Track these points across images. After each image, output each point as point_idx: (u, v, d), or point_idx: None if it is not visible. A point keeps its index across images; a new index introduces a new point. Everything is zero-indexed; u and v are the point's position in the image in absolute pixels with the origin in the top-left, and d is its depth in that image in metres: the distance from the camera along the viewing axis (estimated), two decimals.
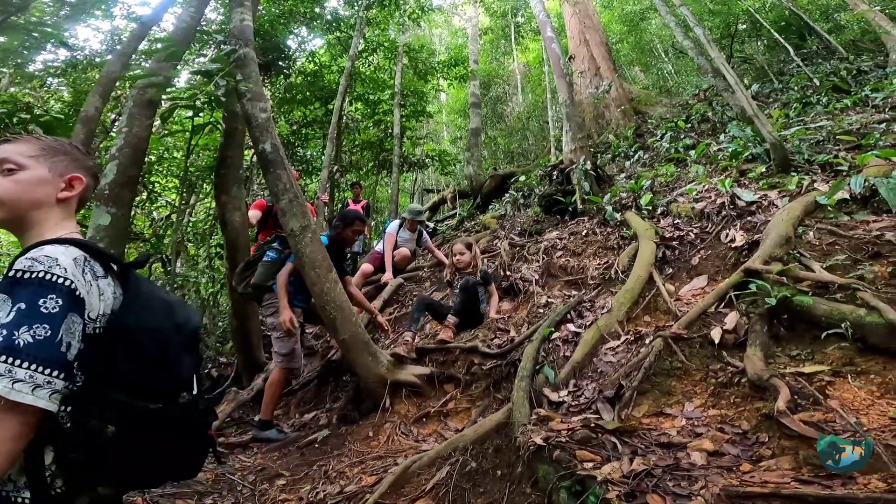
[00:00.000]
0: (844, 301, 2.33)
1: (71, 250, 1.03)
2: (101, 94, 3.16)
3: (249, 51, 4.24)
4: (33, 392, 0.91)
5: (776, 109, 9.21)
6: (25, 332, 0.92)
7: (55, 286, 0.96)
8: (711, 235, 4.07)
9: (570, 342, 3.22)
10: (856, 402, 1.86)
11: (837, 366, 2.08)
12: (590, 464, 1.92)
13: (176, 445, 1.14)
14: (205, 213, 8.40)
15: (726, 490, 1.61)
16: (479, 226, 8.47)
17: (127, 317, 1.07)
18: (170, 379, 1.13)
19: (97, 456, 1.01)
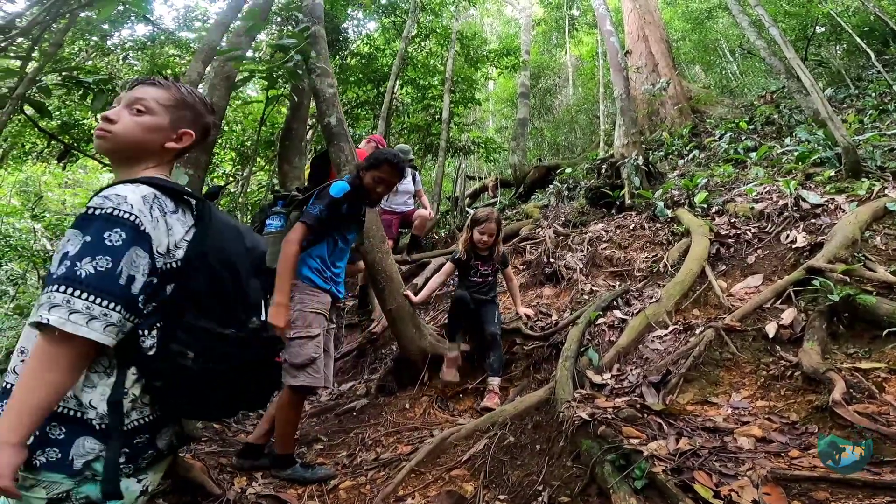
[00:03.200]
0: None
1: (141, 188, 1.06)
2: (203, 61, 3.37)
3: (320, 28, 4.38)
4: (87, 324, 0.92)
5: (851, 114, 8.75)
6: (88, 264, 0.94)
7: (120, 221, 0.99)
8: (770, 236, 3.94)
9: (616, 328, 3.22)
10: None
11: (895, 364, 2.01)
12: (635, 440, 1.94)
13: (248, 371, 1.15)
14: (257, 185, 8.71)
15: (774, 472, 1.61)
16: (520, 214, 8.45)
17: (201, 244, 1.11)
18: (241, 303, 1.16)
19: (179, 382, 1.05)
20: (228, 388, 1.14)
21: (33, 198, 12.13)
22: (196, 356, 1.05)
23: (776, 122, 9.44)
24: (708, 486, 1.59)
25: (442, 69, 10.73)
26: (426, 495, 2.38)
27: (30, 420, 0.93)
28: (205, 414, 1.24)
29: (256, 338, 1.15)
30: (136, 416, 1.06)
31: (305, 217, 2.52)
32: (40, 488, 0.98)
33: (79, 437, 1.00)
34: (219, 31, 3.50)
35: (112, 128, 1.14)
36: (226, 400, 1.17)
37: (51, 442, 1.00)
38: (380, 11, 10.63)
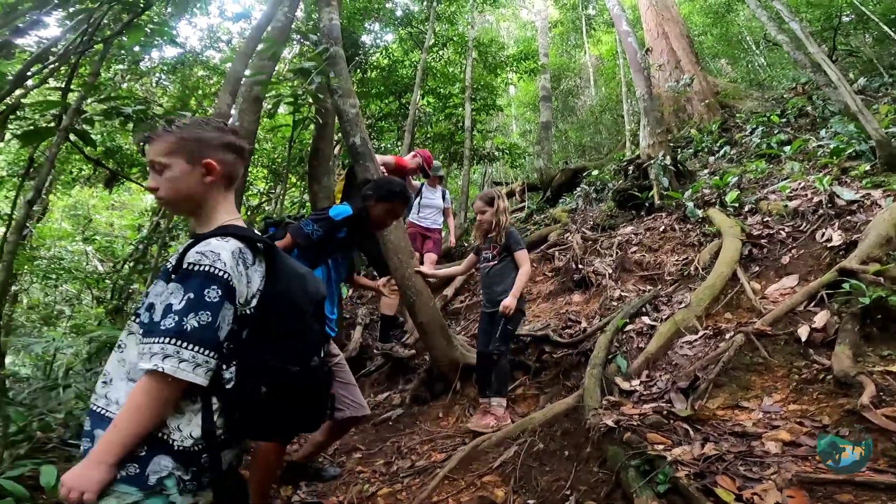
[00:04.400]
0: None
1: (231, 244, 1.19)
2: (231, 93, 3.56)
3: (338, 49, 4.52)
4: (193, 371, 1.08)
5: (885, 104, 8.40)
6: (193, 318, 1.09)
7: (217, 279, 1.13)
8: (805, 235, 3.86)
9: (645, 334, 3.22)
10: None
11: None
12: (660, 446, 1.97)
13: (307, 403, 1.30)
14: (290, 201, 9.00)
15: (799, 476, 1.62)
16: (548, 219, 8.44)
17: (273, 291, 1.25)
18: (306, 343, 1.28)
19: (252, 412, 1.20)
20: (290, 416, 1.28)
21: (83, 221, 12.79)
22: (268, 391, 1.20)
23: (810, 113, 9.15)
24: (730, 490, 1.62)
25: (461, 77, 10.84)
26: (459, 500, 2.45)
27: (129, 445, 1.09)
28: (267, 436, 1.40)
29: (316, 374, 1.29)
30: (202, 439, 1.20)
31: (294, 231, 2.45)
32: (112, 498, 1.11)
33: (157, 455, 1.13)
34: (242, 61, 3.70)
35: (159, 195, 1.27)
36: (286, 425, 1.33)
37: (133, 458, 1.12)
38: (396, 23, 10.85)
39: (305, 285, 1.33)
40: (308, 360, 1.27)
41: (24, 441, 2.68)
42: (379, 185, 2.71)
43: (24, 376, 5.88)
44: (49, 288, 10.05)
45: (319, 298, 1.38)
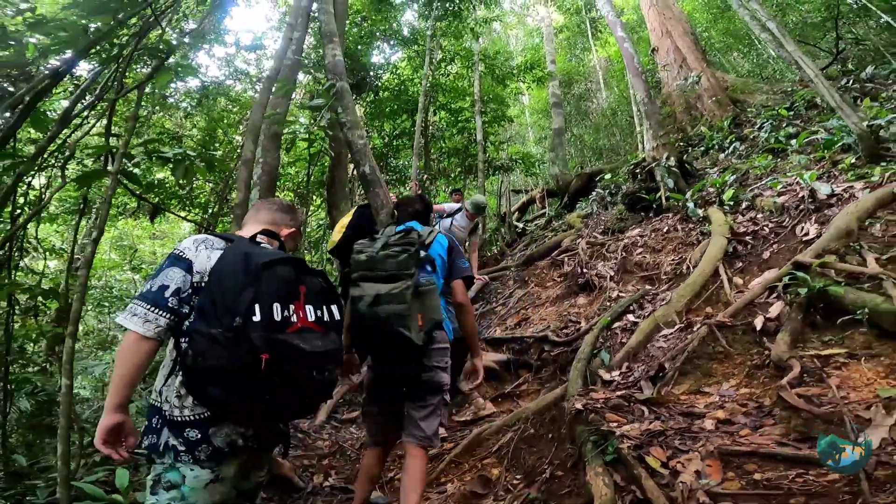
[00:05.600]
0: (872, 290, 2.45)
1: (198, 235, 1.55)
2: (253, 140, 4.07)
3: (344, 84, 5.01)
4: (131, 319, 1.35)
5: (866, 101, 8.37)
6: (148, 284, 1.41)
7: (171, 256, 1.48)
8: (787, 230, 4.09)
9: (628, 331, 3.54)
10: (859, 381, 2.07)
11: (855, 349, 2.25)
12: (615, 424, 2.32)
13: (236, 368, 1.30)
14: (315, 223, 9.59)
15: (719, 448, 1.95)
16: (565, 225, 8.72)
17: (213, 267, 1.46)
18: (227, 307, 1.35)
19: (191, 376, 1.34)
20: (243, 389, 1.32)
21: (129, 251, 13.74)
22: (194, 354, 1.33)
23: (819, 104, 9.13)
24: (659, 459, 1.96)
25: (471, 91, 11.21)
26: (463, 480, 2.86)
27: (117, 393, 1.36)
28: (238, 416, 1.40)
29: (239, 335, 1.30)
30: (187, 412, 1.38)
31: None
32: (153, 468, 1.43)
33: (165, 427, 1.39)
34: (259, 111, 4.21)
35: None
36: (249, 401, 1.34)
37: (151, 430, 1.41)
38: (403, 42, 11.31)
39: (247, 260, 1.44)
40: (230, 322, 1.32)
41: (95, 452, 3.16)
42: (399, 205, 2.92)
43: (85, 398, 6.52)
44: (102, 315, 10.88)
45: (258, 266, 1.41)
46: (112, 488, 2.59)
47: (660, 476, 1.96)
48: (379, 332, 2.12)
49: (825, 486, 1.70)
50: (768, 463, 1.84)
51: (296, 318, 1.40)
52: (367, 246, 2.33)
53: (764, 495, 1.73)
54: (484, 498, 2.59)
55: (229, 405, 1.35)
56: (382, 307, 2.09)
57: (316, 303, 1.48)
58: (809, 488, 1.71)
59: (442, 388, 2.36)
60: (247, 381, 1.31)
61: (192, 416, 1.38)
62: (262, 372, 1.29)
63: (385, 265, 2.21)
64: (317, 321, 1.45)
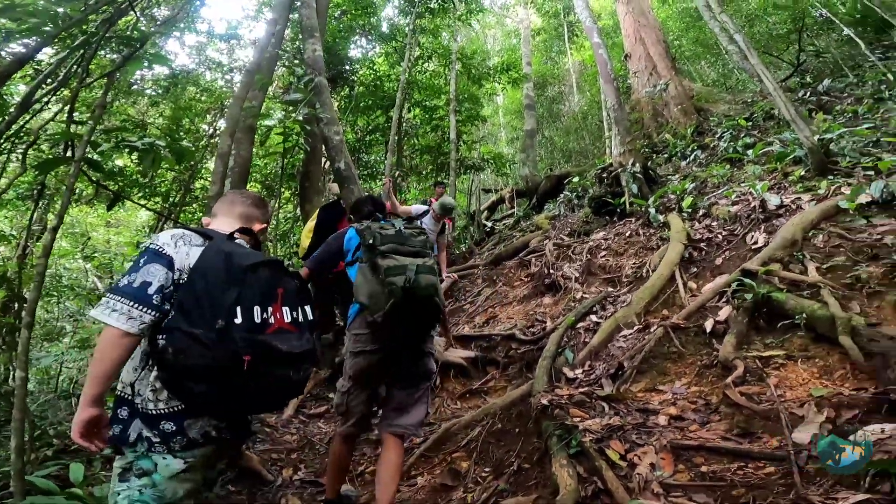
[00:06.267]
0: (810, 297, 2.69)
1: (176, 230, 1.54)
2: (230, 135, 4.03)
3: (322, 79, 5.01)
4: (110, 315, 1.34)
5: (849, 105, 8.91)
6: (125, 279, 1.40)
7: (148, 250, 1.46)
8: (738, 238, 4.36)
9: (591, 330, 3.72)
10: (795, 380, 2.28)
11: (793, 351, 2.48)
12: (578, 419, 2.47)
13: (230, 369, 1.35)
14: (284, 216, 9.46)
15: (671, 442, 2.12)
16: (533, 226, 8.92)
17: (193, 266, 1.47)
18: (210, 308, 1.38)
19: (171, 375, 1.37)
20: (222, 386, 1.38)
21: (80, 238, 13.18)
22: (173, 351, 1.36)
23: (777, 116, 9.62)
24: (618, 451, 2.12)
25: (447, 89, 11.29)
26: (433, 473, 2.96)
27: (94, 387, 1.38)
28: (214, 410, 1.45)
29: (222, 337, 1.35)
30: (162, 405, 1.41)
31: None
32: (120, 459, 1.46)
33: (135, 418, 1.41)
34: (238, 105, 4.18)
35: None
36: (227, 398, 1.40)
37: (117, 420, 1.43)
38: (382, 38, 11.29)
39: (228, 259, 1.47)
40: (213, 322, 1.36)
41: (44, 447, 3.07)
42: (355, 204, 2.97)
43: (31, 390, 6.31)
44: (51, 305, 10.44)
45: (242, 268, 1.46)
46: (65, 483, 2.54)
47: (619, 468, 2.12)
48: (418, 303, 2.13)
49: (762, 479, 1.88)
50: (714, 456, 2.02)
51: (273, 320, 1.46)
52: (382, 226, 2.35)
53: (710, 487, 1.91)
54: (454, 490, 2.70)
55: (208, 401, 1.40)
56: (425, 276, 2.15)
57: (291, 304, 1.53)
58: (749, 480, 1.89)
59: (432, 374, 2.45)
60: (226, 379, 1.37)
61: (168, 410, 1.41)
62: (243, 372, 1.35)
63: (411, 242, 2.28)
64: (292, 322, 1.51)
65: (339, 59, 9.86)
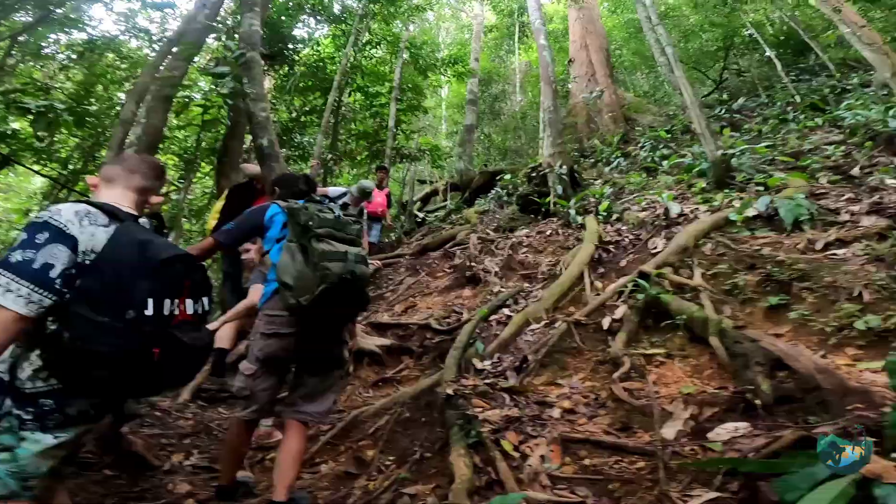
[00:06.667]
0: (691, 300, 2.97)
1: (80, 206, 1.44)
2: (136, 101, 3.76)
3: (255, 55, 4.80)
4: (3, 294, 1.26)
5: (757, 124, 9.74)
6: (18, 254, 1.30)
7: (48, 226, 1.35)
8: (642, 242, 4.69)
9: (503, 323, 3.87)
10: (671, 378, 2.52)
11: (673, 350, 2.73)
12: (480, 409, 2.58)
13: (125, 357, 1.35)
14: (201, 191, 9.00)
15: (561, 435, 2.27)
16: (463, 219, 9.06)
17: (102, 251, 1.41)
18: (120, 298, 1.36)
19: (62, 356, 1.34)
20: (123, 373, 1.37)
21: None
22: (71, 337, 1.33)
23: (693, 129, 10.36)
24: (512, 443, 2.24)
25: (391, 76, 11.15)
26: (338, 461, 2.96)
27: None
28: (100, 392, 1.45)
29: (131, 328, 1.34)
30: (40, 384, 1.38)
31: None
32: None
33: (4, 395, 1.37)
34: (150, 72, 3.93)
35: None
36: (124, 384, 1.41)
37: None
38: (331, 19, 10.95)
39: (143, 249, 1.44)
40: (122, 312, 1.35)
41: None
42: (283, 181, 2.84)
43: None
44: None
45: (157, 260, 1.44)
46: None
47: (512, 459, 2.23)
48: (350, 292, 2.11)
49: (634, 474, 2.03)
50: (596, 450, 2.19)
51: (178, 311, 1.47)
52: (320, 209, 2.28)
53: (591, 480, 2.05)
54: (357, 478, 2.72)
55: (103, 385, 1.40)
56: (361, 266, 2.14)
57: (195, 296, 1.54)
58: (623, 474, 2.04)
59: (344, 363, 2.45)
60: (129, 367, 1.37)
61: (47, 388, 1.39)
62: (151, 362, 1.38)
63: (349, 229, 2.24)
64: (193, 314, 1.52)
65: (281, 36, 9.45)
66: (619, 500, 1.93)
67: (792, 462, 1.65)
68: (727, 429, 2.06)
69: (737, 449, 1.96)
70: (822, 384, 2.00)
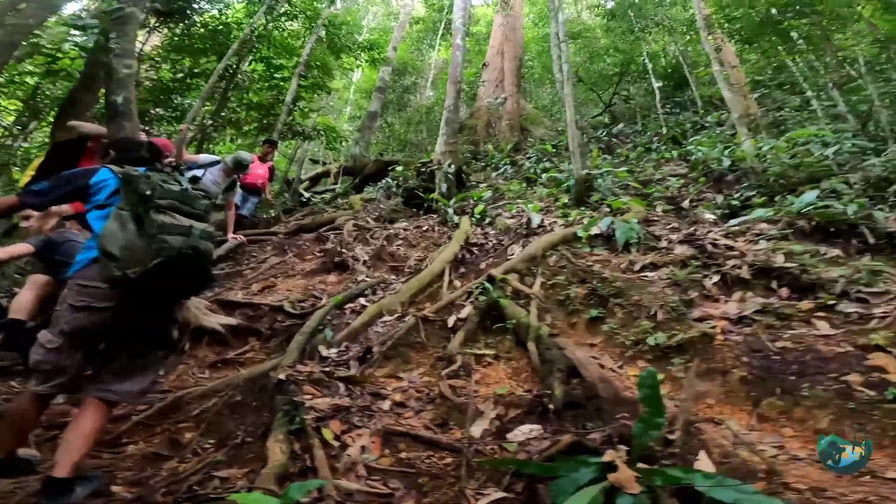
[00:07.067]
0: (523, 307, 3.27)
1: None
2: None
3: (135, 10, 4.40)
4: None
5: (627, 150, 10.80)
6: None
7: None
8: (504, 247, 5.02)
9: (358, 312, 3.92)
10: (494, 378, 2.76)
11: (501, 352, 2.99)
12: (309, 396, 2.60)
13: None
14: (41, 141, 7.89)
15: (385, 427, 2.37)
16: (347, 204, 8.96)
17: None
18: None
19: None
20: None
21: None
22: None
23: None
24: (334, 431, 2.30)
25: (301, 51, 10.66)
26: (150, 442, 2.79)
27: None
28: None
29: None
30: None
31: None
32: None
33: None
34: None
35: None
36: None
37: None
38: None
39: None
40: None
41: None
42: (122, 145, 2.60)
43: None
44: None
45: None
46: None
47: (332, 447, 2.28)
48: (189, 268, 2.02)
49: (441, 469, 2.15)
50: (415, 444, 2.31)
51: None
52: (165, 179, 2.13)
53: (404, 473, 2.14)
54: (168, 460, 2.60)
55: None
56: (205, 242, 2.05)
57: None
58: (431, 469, 2.15)
59: (171, 341, 2.33)
60: None
61: None
62: None
63: (196, 204, 2.14)
64: None
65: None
66: (426, 494, 2.04)
67: (563, 466, 1.77)
68: (524, 430, 2.28)
69: (527, 450, 2.14)
70: (601, 393, 2.30)
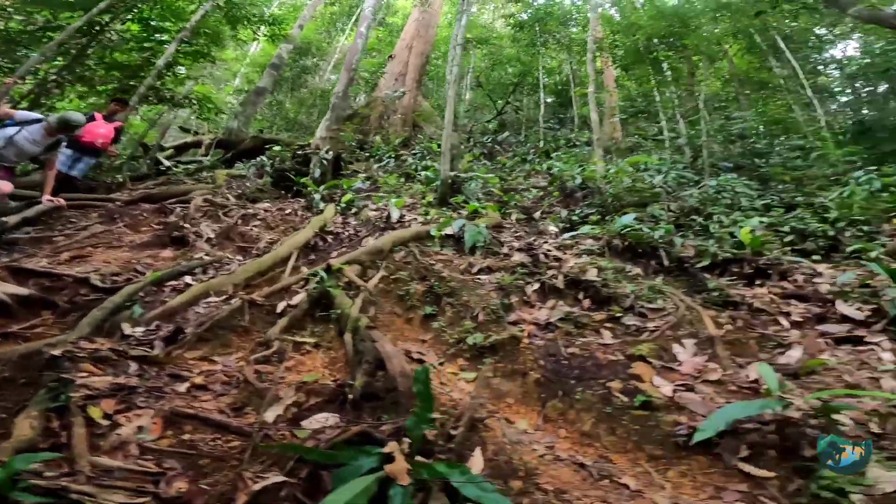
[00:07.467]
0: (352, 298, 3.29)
1: None
2: None
3: None
4: None
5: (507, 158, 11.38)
6: None
7: None
8: (360, 238, 4.99)
9: (180, 291, 3.62)
10: (309, 366, 2.73)
11: (323, 341, 2.96)
12: (86, 374, 2.34)
13: None
14: None
15: (173, 409, 2.20)
16: (210, 178, 8.31)
17: None
18: None
19: None
20: None
21: None
22: None
23: None
24: (105, 410, 2.09)
25: (191, 17, 9.59)
26: None
27: None
28: None
29: None
30: None
31: None
32: None
33: None
34: None
35: None
36: None
37: None
38: None
39: None
40: None
41: None
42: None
43: None
44: None
45: None
46: None
47: (98, 426, 2.06)
48: None
49: (226, 451, 2.05)
50: (203, 427, 2.15)
51: None
52: None
53: (183, 454, 2.00)
54: None
55: None
56: None
57: None
58: (214, 451, 2.04)
59: None
60: None
61: None
62: None
63: None
64: None
65: None
66: (205, 475, 1.95)
67: (344, 454, 1.82)
68: (319, 419, 2.25)
69: (318, 438, 2.13)
70: (399, 386, 2.36)
